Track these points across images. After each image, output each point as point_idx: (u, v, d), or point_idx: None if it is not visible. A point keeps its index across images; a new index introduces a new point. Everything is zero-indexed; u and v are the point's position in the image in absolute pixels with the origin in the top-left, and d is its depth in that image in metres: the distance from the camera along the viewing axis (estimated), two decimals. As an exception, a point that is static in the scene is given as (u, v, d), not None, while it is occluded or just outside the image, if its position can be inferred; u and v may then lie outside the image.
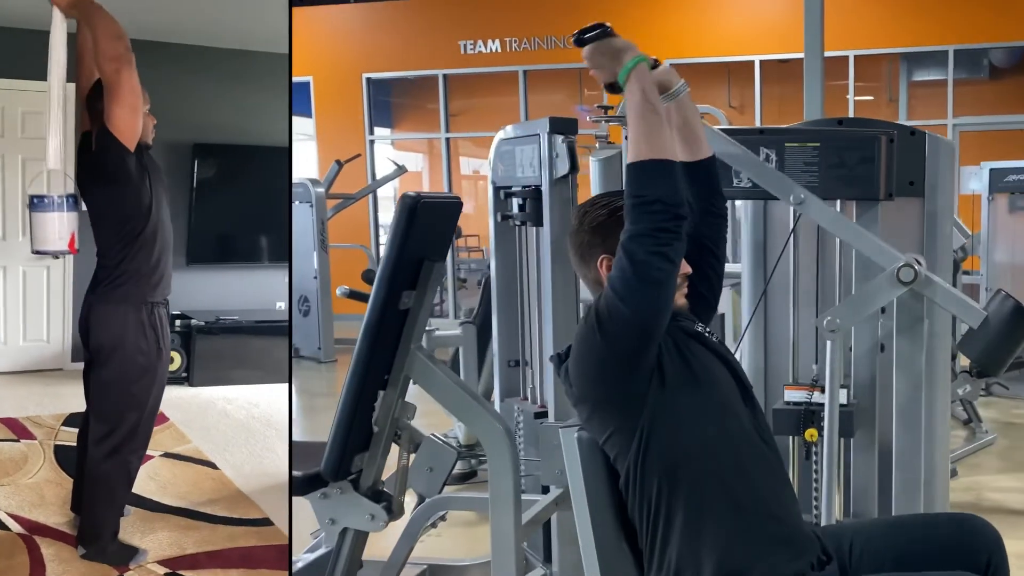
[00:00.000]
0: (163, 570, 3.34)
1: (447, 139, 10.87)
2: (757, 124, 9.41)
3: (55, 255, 3.42)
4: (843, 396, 2.47)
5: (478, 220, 12.20)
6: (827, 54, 7.14)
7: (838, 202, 2.54)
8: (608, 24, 1.85)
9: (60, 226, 3.17)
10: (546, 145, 3.11)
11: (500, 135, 3.50)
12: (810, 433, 2.51)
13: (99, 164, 3.15)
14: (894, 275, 2.27)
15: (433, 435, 2.68)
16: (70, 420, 5.18)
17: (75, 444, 4.65)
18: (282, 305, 7.35)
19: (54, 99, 3.08)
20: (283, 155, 6.85)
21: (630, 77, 1.79)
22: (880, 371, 2.58)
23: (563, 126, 3.12)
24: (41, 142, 3.11)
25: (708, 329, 1.97)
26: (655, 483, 1.76)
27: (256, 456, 4.81)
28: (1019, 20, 9.36)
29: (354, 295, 4.27)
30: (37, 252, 3.25)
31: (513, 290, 3.68)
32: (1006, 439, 5.14)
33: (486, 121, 11.72)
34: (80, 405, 5.50)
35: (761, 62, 9.92)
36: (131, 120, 3.07)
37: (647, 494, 1.77)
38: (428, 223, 2.53)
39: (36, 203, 3.18)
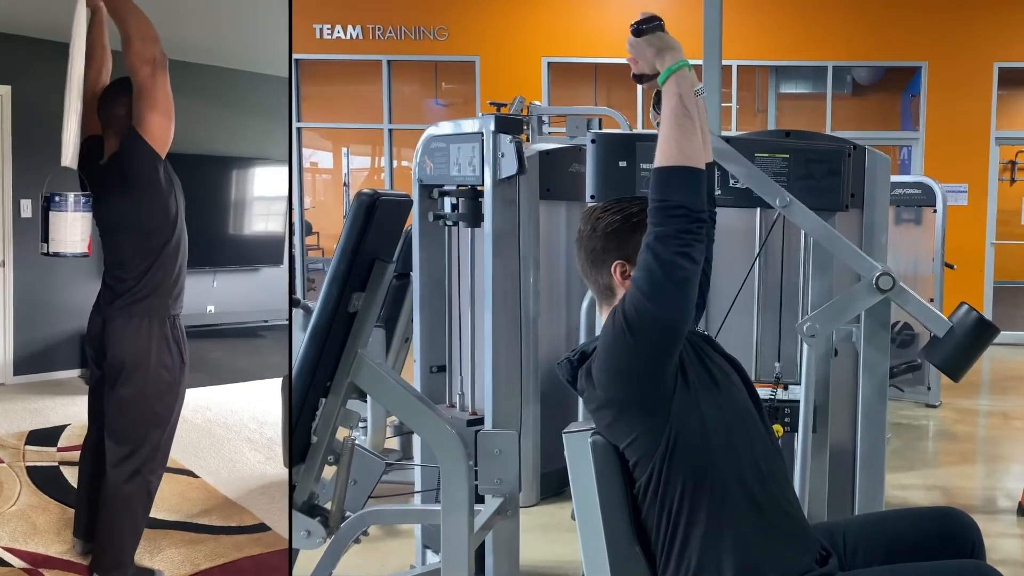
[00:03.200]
0: (184, 589, 3.18)
1: (299, 128, 10.34)
2: (639, 129, 9.55)
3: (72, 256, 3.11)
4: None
5: (316, 216, 11.61)
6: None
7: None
8: (661, 18, 1.80)
9: (82, 227, 2.97)
10: (490, 144, 3.02)
11: (431, 131, 3.36)
12: (776, 428, 2.53)
13: (125, 171, 2.98)
14: (872, 284, 2.31)
15: (359, 445, 2.56)
16: (33, 438, 4.93)
17: (49, 464, 4.47)
18: (212, 308, 7.20)
19: (73, 92, 2.91)
20: (222, 163, 6.87)
21: (671, 79, 1.76)
22: (834, 374, 2.63)
23: (509, 125, 3.03)
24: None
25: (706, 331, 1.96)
26: (679, 485, 1.75)
27: (228, 461, 4.68)
28: (883, 42, 9.86)
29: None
30: (53, 255, 3.00)
31: (438, 292, 3.56)
32: (899, 439, 5.38)
33: (332, 111, 11.28)
34: (32, 422, 5.34)
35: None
36: (166, 125, 2.97)
37: (669, 496, 1.76)
38: (383, 222, 2.43)
39: (55, 202, 2.96)
